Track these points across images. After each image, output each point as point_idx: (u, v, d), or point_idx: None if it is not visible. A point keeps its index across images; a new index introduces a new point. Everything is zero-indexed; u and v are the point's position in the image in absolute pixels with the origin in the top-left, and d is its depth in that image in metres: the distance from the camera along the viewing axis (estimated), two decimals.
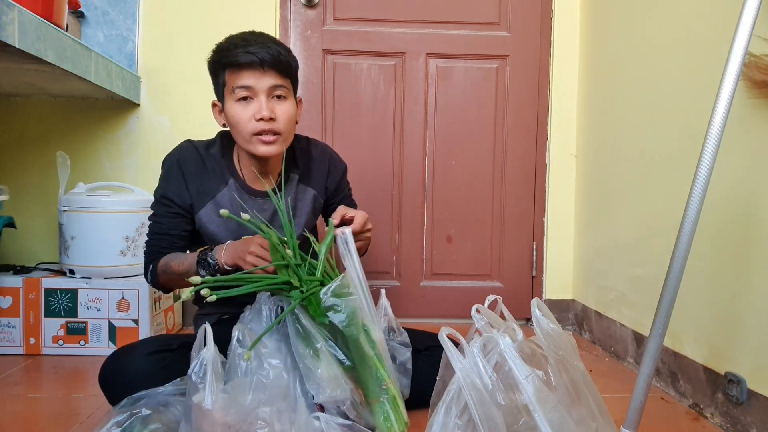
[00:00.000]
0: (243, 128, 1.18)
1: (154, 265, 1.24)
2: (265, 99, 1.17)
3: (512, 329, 0.91)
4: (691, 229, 0.93)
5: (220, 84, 1.21)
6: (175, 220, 1.25)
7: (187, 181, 1.25)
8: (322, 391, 1.00)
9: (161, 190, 1.26)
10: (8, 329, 1.68)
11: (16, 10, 1.15)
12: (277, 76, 1.18)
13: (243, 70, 1.16)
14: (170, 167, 1.26)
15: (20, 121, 1.95)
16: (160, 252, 1.24)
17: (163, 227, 1.25)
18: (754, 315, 1.15)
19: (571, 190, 2.10)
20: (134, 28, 1.95)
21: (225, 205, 1.26)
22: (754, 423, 1.14)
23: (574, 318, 2.07)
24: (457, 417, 0.83)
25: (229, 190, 1.26)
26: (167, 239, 1.25)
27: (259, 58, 1.14)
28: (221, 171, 1.27)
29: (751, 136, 1.16)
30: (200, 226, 1.27)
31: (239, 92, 1.16)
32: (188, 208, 1.25)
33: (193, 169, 1.25)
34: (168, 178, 1.26)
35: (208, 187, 1.26)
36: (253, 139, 1.18)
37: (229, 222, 1.25)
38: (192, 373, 0.90)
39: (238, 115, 1.17)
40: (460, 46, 2.07)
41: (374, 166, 2.07)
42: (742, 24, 0.89)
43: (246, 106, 1.17)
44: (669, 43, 1.49)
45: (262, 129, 1.17)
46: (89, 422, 1.21)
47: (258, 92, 1.17)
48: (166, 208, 1.25)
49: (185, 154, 1.27)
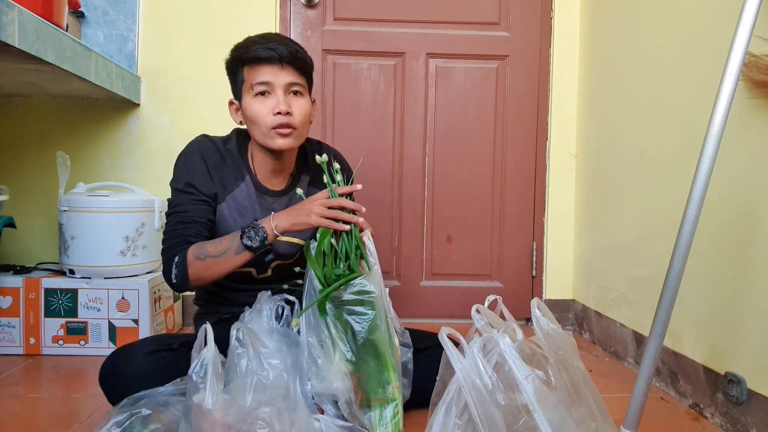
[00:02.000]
0: (262, 122, 1.20)
1: (182, 255, 1.16)
2: (283, 95, 1.20)
3: (512, 329, 0.91)
4: (691, 229, 0.93)
5: (238, 82, 1.23)
6: (200, 207, 1.22)
7: (211, 172, 1.25)
8: (320, 380, 1.01)
9: (184, 177, 1.22)
10: (8, 329, 1.68)
11: (16, 10, 1.15)
12: (295, 73, 1.21)
13: (262, 66, 1.19)
14: (191, 156, 1.25)
15: (20, 121, 1.95)
16: (187, 242, 1.18)
17: (188, 215, 1.20)
18: (754, 315, 1.15)
19: (571, 190, 2.10)
20: (134, 28, 1.95)
21: (242, 200, 1.27)
22: (754, 423, 1.14)
23: (574, 318, 2.08)
24: (457, 417, 0.83)
25: (246, 186, 1.28)
26: (194, 228, 1.20)
27: (278, 54, 1.18)
28: (238, 167, 1.28)
29: (751, 136, 1.16)
30: (219, 219, 1.26)
31: (258, 87, 1.19)
32: (212, 197, 1.24)
33: (214, 160, 1.26)
34: (190, 166, 1.24)
35: (227, 182, 1.26)
36: (271, 133, 1.20)
37: (244, 217, 1.26)
38: (192, 373, 0.90)
39: (257, 109, 1.20)
40: (460, 46, 2.07)
41: (374, 166, 2.07)
42: (742, 24, 0.89)
43: (264, 101, 1.20)
44: (669, 43, 1.49)
45: (280, 123, 1.19)
46: (89, 422, 1.21)
47: (276, 87, 1.19)
48: (190, 195, 1.22)
49: (205, 146, 1.27)
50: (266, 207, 1.29)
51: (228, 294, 1.33)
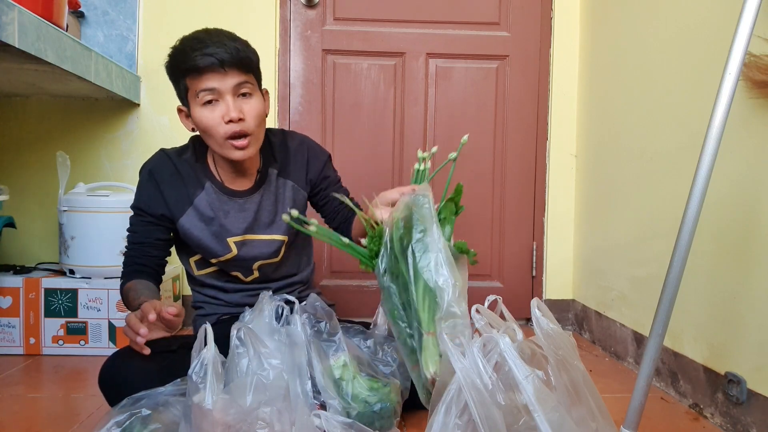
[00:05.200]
0: (215, 132, 1.16)
1: (123, 283, 1.25)
2: (231, 99, 1.14)
3: (512, 329, 0.91)
4: (691, 229, 0.93)
5: (182, 89, 1.19)
6: (147, 228, 1.26)
7: (162, 190, 1.24)
8: None
9: (134, 201, 1.27)
10: (8, 329, 1.68)
11: (16, 10, 1.15)
12: (240, 74, 1.15)
13: (204, 74, 1.13)
14: (141, 179, 1.27)
15: (20, 121, 1.95)
16: (133, 263, 1.25)
17: (136, 236, 1.26)
18: (754, 315, 1.15)
19: (571, 190, 2.10)
20: (134, 28, 1.95)
21: (204, 209, 1.25)
22: (754, 423, 1.14)
23: (574, 318, 2.08)
24: (457, 417, 0.83)
25: (206, 194, 1.26)
26: (139, 248, 1.26)
27: (218, 59, 1.11)
28: (196, 176, 1.26)
29: (751, 136, 1.16)
30: (184, 233, 1.26)
31: (204, 96, 1.14)
32: (160, 216, 1.25)
33: (167, 177, 1.25)
34: (140, 188, 1.26)
35: (185, 194, 1.25)
36: (226, 144, 1.17)
37: (211, 225, 1.26)
38: (192, 373, 0.90)
39: (206, 119, 1.15)
40: (460, 46, 2.07)
41: (374, 165, 2.07)
42: (742, 24, 0.89)
43: (213, 109, 1.15)
44: (669, 42, 1.49)
45: (234, 132, 1.15)
46: (89, 422, 1.21)
47: (223, 93, 1.14)
48: (139, 218, 1.26)
49: (157, 163, 1.26)
50: (238, 208, 1.27)
51: (225, 296, 1.35)
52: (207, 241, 1.26)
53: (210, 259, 1.30)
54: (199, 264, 1.34)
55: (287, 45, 2.03)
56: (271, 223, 1.31)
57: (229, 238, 1.27)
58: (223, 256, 1.28)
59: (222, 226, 1.26)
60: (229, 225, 1.27)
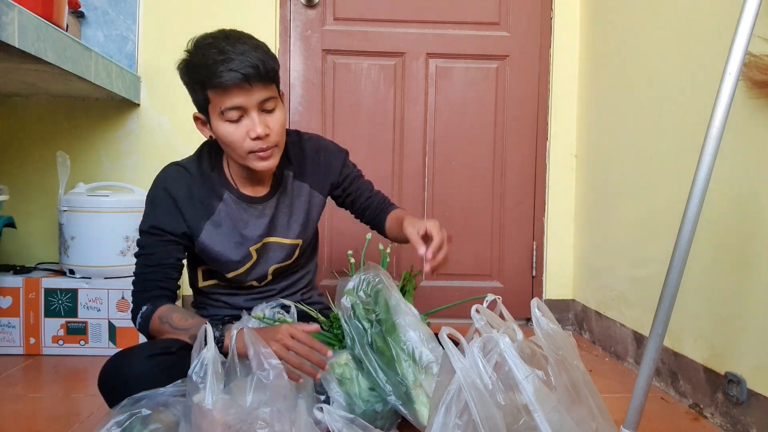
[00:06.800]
0: (238, 147, 1.11)
1: (150, 309, 1.13)
2: (257, 115, 1.10)
3: (512, 329, 0.91)
4: (691, 229, 0.93)
5: (200, 99, 1.13)
6: (167, 248, 1.17)
7: (180, 207, 1.17)
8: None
9: (149, 220, 1.17)
10: (8, 329, 1.68)
11: (16, 10, 1.15)
12: (265, 88, 1.10)
13: (229, 90, 1.07)
14: (157, 195, 1.18)
15: (20, 121, 1.95)
16: (154, 287, 1.15)
17: (154, 258, 1.16)
18: (754, 315, 1.15)
19: (571, 190, 2.10)
20: (134, 28, 1.95)
21: (223, 221, 1.21)
22: (754, 423, 1.14)
23: (574, 318, 2.07)
24: (457, 417, 0.83)
25: (225, 205, 1.21)
26: (160, 271, 1.16)
27: (244, 74, 1.05)
28: (214, 187, 1.21)
29: (751, 136, 1.16)
30: (203, 249, 1.20)
31: (230, 114, 1.09)
32: (181, 235, 1.18)
33: (184, 192, 1.18)
34: (155, 206, 1.18)
35: (203, 208, 1.19)
36: (249, 156, 1.13)
37: (232, 236, 1.21)
38: (192, 372, 0.90)
39: (231, 135, 1.10)
40: (460, 46, 2.07)
41: (374, 166, 2.07)
42: (742, 24, 0.89)
43: (237, 125, 1.10)
44: (669, 42, 1.49)
45: (260, 148, 1.11)
46: (89, 422, 1.21)
47: (249, 109, 1.09)
48: (157, 237, 1.17)
49: (172, 179, 1.19)
50: (257, 215, 1.24)
51: (229, 299, 1.31)
52: (229, 254, 1.21)
53: (226, 273, 1.24)
54: (206, 274, 1.30)
55: (287, 45, 2.03)
56: (287, 227, 1.28)
57: (251, 247, 1.24)
58: (241, 267, 1.24)
59: (243, 235, 1.22)
60: (248, 233, 1.23)
